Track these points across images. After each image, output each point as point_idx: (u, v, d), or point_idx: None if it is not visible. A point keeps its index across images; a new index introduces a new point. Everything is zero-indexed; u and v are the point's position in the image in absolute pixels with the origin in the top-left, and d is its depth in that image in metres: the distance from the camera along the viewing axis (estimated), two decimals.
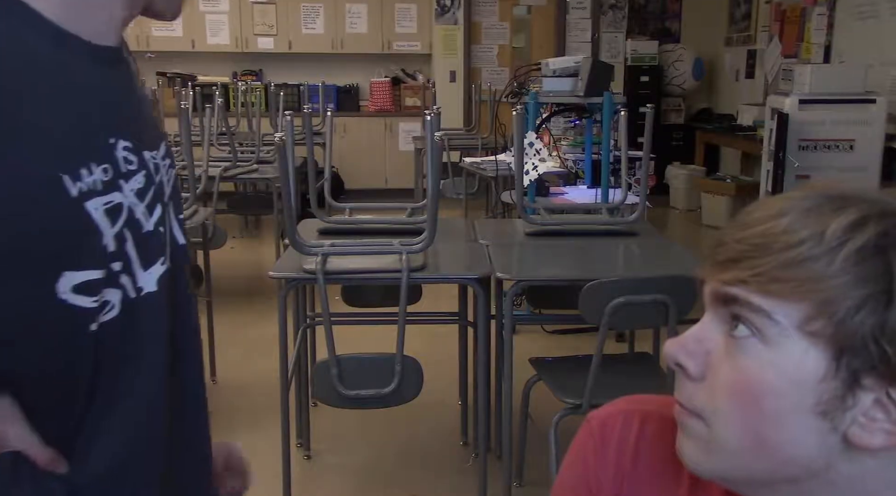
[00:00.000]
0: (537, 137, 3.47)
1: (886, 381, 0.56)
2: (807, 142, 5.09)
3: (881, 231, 0.57)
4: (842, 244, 0.57)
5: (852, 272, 0.56)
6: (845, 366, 0.56)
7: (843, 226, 0.58)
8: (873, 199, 0.61)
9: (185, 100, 4.38)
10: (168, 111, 6.13)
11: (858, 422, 0.57)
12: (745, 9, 7.61)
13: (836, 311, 0.56)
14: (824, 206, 0.59)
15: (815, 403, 0.57)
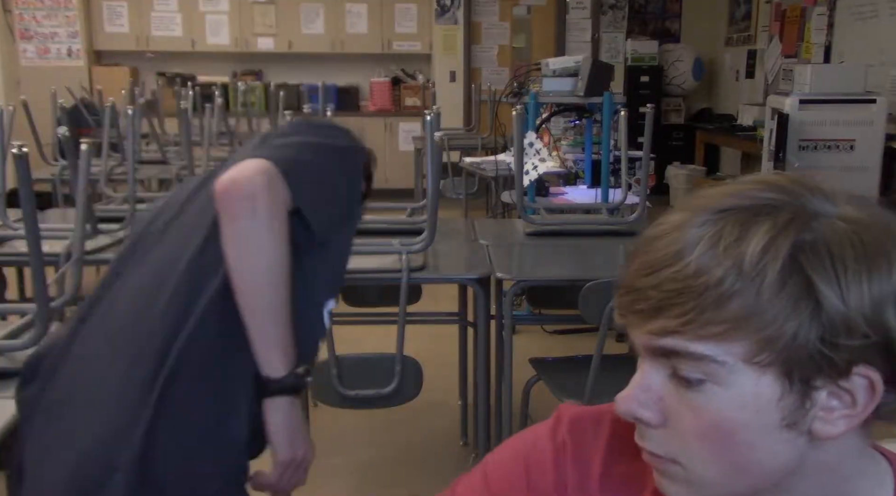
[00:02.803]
0: (537, 137, 3.47)
1: (834, 376, 0.58)
2: (807, 142, 5.09)
3: (793, 244, 0.57)
4: (762, 272, 0.57)
5: (781, 297, 0.56)
6: (797, 379, 0.58)
7: (757, 252, 0.57)
8: (764, 202, 0.59)
9: (185, 100, 4.38)
10: (168, 111, 6.12)
11: (819, 417, 0.59)
12: (745, 9, 7.61)
13: (777, 340, 0.57)
14: (725, 230, 0.58)
15: (780, 420, 0.59)
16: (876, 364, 0.58)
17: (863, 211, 0.60)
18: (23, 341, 1.71)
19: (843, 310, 0.56)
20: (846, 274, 0.56)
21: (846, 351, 0.57)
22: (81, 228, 2.05)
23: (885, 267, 0.57)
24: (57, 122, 4.54)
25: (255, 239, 1.09)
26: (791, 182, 0.61)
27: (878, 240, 0.58)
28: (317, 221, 1.17)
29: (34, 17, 7.70)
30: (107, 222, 2.73)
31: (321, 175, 1.20)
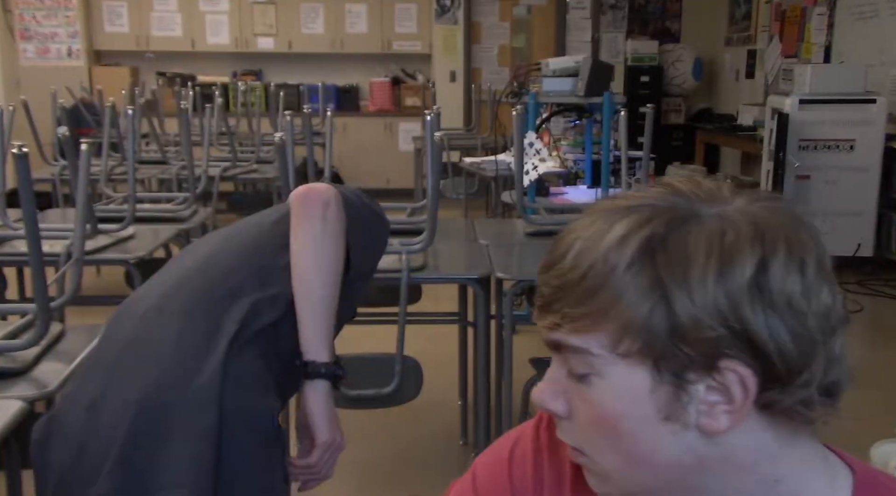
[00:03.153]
0: (537, 137, 3.47)
1: (703, 371, 0.60)
2: (807, 142, 5.09)
3: (646, 238, 0.60)
4: (616, 265, 0.60)
5: (632, 289, 0.59)
6: (666, 371, 0.60)
7: (611, 245, 0.60)
8: (645, 204, 0.62)
9: (185, 100, 4.38)
10: (168, 111, 6.12)
11: (701, 411, 0.61)
12: (745, 9, 7.61)
13: (633, 328, 0.60)
14: (600, 228, 0.62)
15: (657, 412, 0.61)
16: (743, 359, 0.59)
17: (752, 209, 0.61)
18: (23, 341, 1.71)
19: (689, 306, 0.58)
20: (692, 270, 0.58)
21: (700, 345, 0.58)
22: (81, 228, 2.05)
23: (746, 263, 0.58)
24: (57, 122, 4.54)
25: (323, 237, 1.23)
26: (693, 187, 0.63)
27: (745, 237, 0.59)
28: (358, 254, 1.30)
29: (34, 17, 7.70)
30: (107, 222, 2.73)
31: (369, 220, 1.35)
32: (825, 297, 0.60)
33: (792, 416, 0.62)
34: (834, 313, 0.61)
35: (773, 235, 0.59)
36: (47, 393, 1.63)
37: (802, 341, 0.59)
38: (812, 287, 0.59)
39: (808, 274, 0.59)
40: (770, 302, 0.58)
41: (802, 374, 0.60)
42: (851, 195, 5.06)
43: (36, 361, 1.72)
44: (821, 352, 0.60)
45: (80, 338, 1.89)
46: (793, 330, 0.59)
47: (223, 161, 4.80)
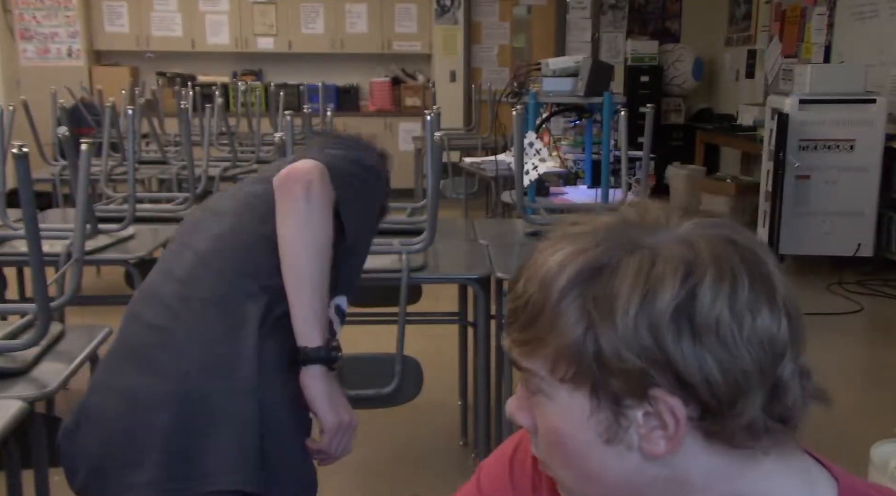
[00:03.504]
0: (537, 137, 3.47)
1: (639, 398, 0.60)
2: (807, 142, 5.09)
3: (578, 268, 0.61)
4: (550, 292, 0.61)
5: (565, 315, 0.60)
6: (603, 397, 0.61)
7: (549, 273, 0.62)
8: (590, 232, 0.63)
9: (185, 100, 4.38)
10: (168, 111, 6.12)
11: (641, 435, 0.61)
12: (745, 9, 7.61)
13: (566, 355, 0.61)
14: (546, 255, 0.64)
15: (598, 435, 0.62)
16: (670, 389, 0.59)
17: (689, 236, 0.61)
18: (23, 341, 1.71)
19: (613, 337, 0.59)
20: (617, 301, 0.59)
21: (627, 375, 0.59)
22: (81, 228, 2.05)
23: (668, 292, 0.58)
24: (57, 122, 4.54)
25: (308, 218, 1.21)
26: (640, 214, 0.64)
27: (671, 266, 0.59)
28: (351, 225, 1.30)
29: (34, 17, 7.70)
30: (107, 222, 2.73)
31: (360, 186, 1.35)
32: (764, 322, 0.59)
33: (737, 444, 0.61)
34: (779, 338, 0.60)
35: (702, 260, 0.59)
36: (47, 393, 1.63)
37: (732, 372, 0.58)
38: (744, 312, 0.58)
39: (740, 298, 0.58)
40: (694, 331, 0.58)
41: (736, 405, 0.59)
42: (851, 195, 5.05)
43: (36, 361, 1.72)
44: (756, 382, 0.59)
45: (80, 338, 1.89)
46: (720, 360, 0.58)
47: (223, 161, 4.80)
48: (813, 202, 5.12)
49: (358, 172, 1.36)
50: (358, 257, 1.44)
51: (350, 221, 1.29)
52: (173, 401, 1.18)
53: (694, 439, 0.61)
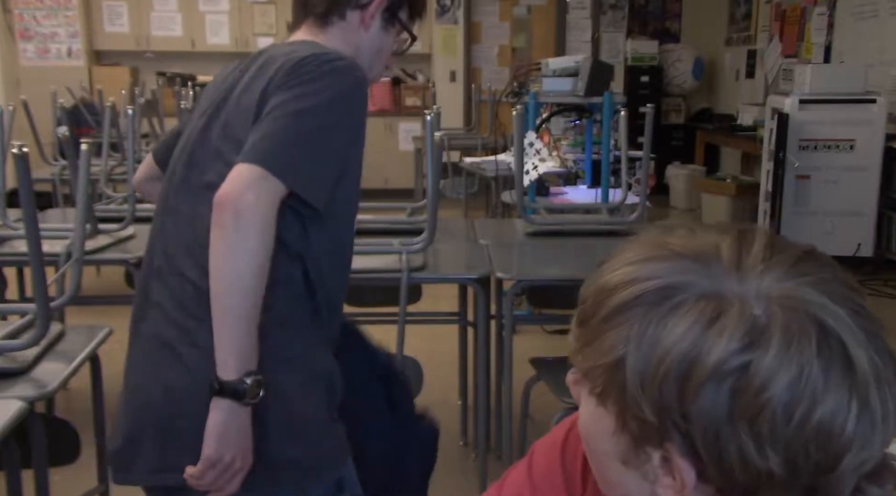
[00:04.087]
0: (537, 137, 3.47)
1: (657, 443, 0.56)
2: (807, 142, 5.09)
3: (641, 291, 0.56)
4: (602, 305, 0.58)
5: (612, 332, 0.57)
6: (627, 426, 0.58)
7: (610, 284, 0.59)
8: (673, 254, 0.58)
9: (185, 100, 4.38)
10: (168, 111, 6.12)
11: (656, 475, 0.58)
12: (745, 9, 7.61)
13: (599, 371, 0.58)
14: (619, 262, 0.60)
15: (618, 455, 0.60)
16: (682, 451, 0.55)
17: (773, 291, 0.54)
18: (23, 341, 1.71)
19: (640, 379, 0.55)
20: (657, 344, 0.54)
21: (641, 421, 0.56)
22: (81, 228, 2.05)
23: (713, 357, 0.52)
24: (57, 122, 4.55)
25: (235, 247, 1.18)
26: (731, 255, 0.57)
27: (731, 326, 0.53)
28: (315, 196, 1.26)
29: (34, 17, 7.70)
30: (107, 222, 2.73)
31: (311, 146, 1.26)
32: (830, 414, 0.51)
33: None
34: (837, 438, 0.51)
35: (772, 326, 0.52)
36: (47, 393, 1.63)
37: (755, 465, 0.52)
38: (810, 397, 0.51)
39: (811, 379, 0.51)
40: (731, 410, 0.52)
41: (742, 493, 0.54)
42: (851, 195, 5.06)
43: (36, 361, 1.72)
44: (785, 481, 0.52)
45: (80, 338, 1.89)
46: (745, 449, 0.52)
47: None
48: (813, 202, 5.12)
49: (306, 131, 1.26)
50: (348, 184, 1.37)
51: (313, 194, 1.25)
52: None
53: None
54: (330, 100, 1.28)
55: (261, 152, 1.22)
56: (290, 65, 1.31)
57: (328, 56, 1.32)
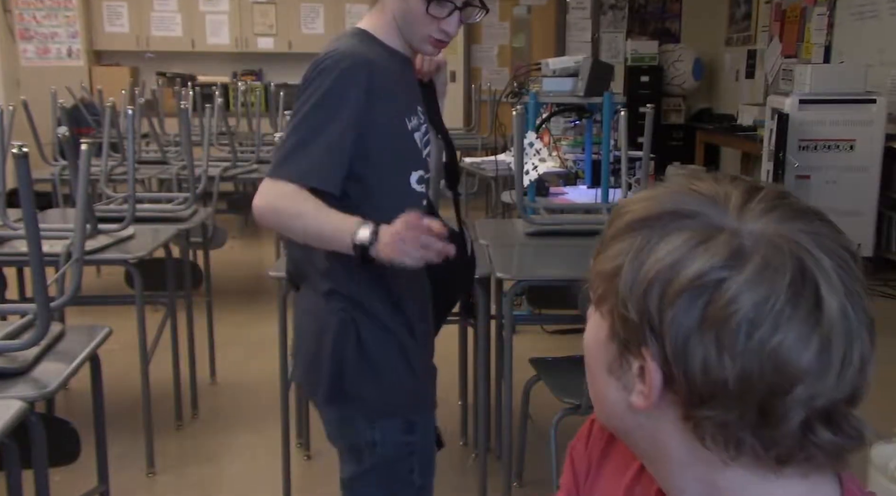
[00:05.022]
0: (537, 137, 3.47)
1: (637, 349, 0.61)
2: (807, 142, 5.09)
3: (645, 214, 0.62)
4: (615, 223, 0.64)
5: (616, 245, 0.62)
6: (618, 335, 0.62)
7: (624, 207, 0.65)
8: (686, 191, 0.63)
9: (185, 100, 4.38)
10: (168, 111, 6.12)
11: (633, 381, 0.63)
12: (745, 9, 7.61)
13: (601, 278, 0.63)
14: (641, 193, 0.66)
15: (605, 361, 0.65)
16: (655, 355, 0.59)
17: (765, 231, 0.59)
18: (23, 341, 1.71)
19: (630, 284, 0.60)
20: (650, 255, 0.59)
21: (627, 323, 0.60)
22: (81, 228, 2.05)
23: (694, 269, 0.57)
24: (57, 122, 4.55)
25: (282, 230, 1.56)
26: (741, 200, 0.61)
27: (718, 249, 0.57)
28: (330, 183, 1.47)
29: (34, 17, 7.70)
30: (107, 222, 2.73)
31: (317, 144, 1.46)
32: (787, 342, 0.55)
33: (706, 445, 0.60)
34: (796, 366, 0.55)
35: (752, 255, 0.56)
36: (47, 393, 1.63)
37: (714, 375, 0.56)
38: (765, 322, 0.55)
39: (770, 306, 0.55)
40: (701, 318, 0.56)
41: (709, 405, 0.58)
42: (851, 195, 5.06)
43: (36, 361, 1.72)
44: (738, 397, 0.56)
45: (80, 338, 1.89)
46: (708, 358, 0.56)
47: (223, 161, 4.80)
48: (813, 202, 4.86)
49: (308, 130, 1.47)
50: (380, 152, 1.52)
51: (326, 182, 1.46)
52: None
53: (671, 413, 0.61)
54: (316, 102, 1.47)
55: (271, 167, 1.50)
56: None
57: (321, 58, 1.50)
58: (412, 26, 1.55)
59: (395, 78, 1.55)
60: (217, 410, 3.27)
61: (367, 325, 1.54)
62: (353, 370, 1.53)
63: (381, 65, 1.52)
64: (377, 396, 1.55)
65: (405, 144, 1.56)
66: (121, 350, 2.93)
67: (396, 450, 1.59)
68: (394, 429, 1.57)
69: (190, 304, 3.21)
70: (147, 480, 2.71)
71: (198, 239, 3.52)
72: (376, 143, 1.50)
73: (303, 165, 1.44)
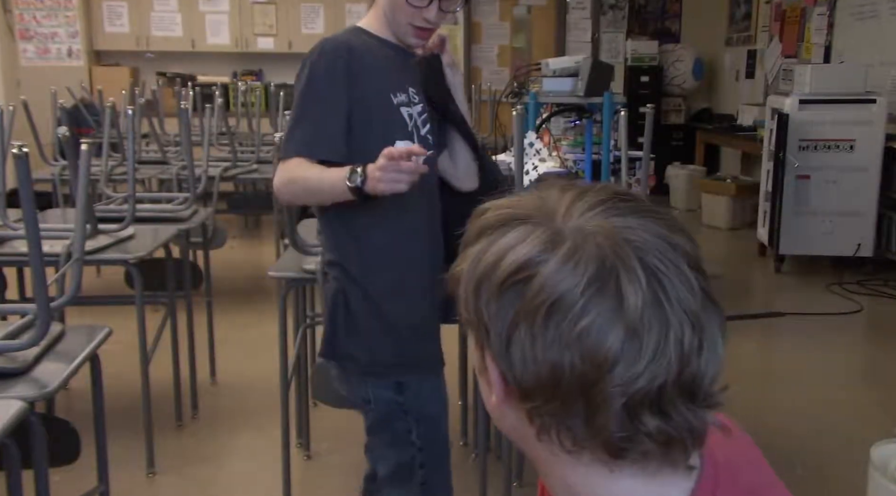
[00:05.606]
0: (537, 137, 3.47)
1: (482, 346, 0.63)
2: (807, 142, 5.09)
3: (486, 224, 0.63)
4: (465, 236, 0.65)
5: (461, 254, 0.64)
6: (476, 338, 0.64)
7: (472, 219, 0.67)
8: (522, 201, 0.65)
9: (185, 100, 4.38)
10: (168, 111, 6.12)
11: (492, 385, 0.63)
12: (745, 9, 7.61)
13: (454, 286, 0.64)
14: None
15: (476, 366, 0.66)
16: (493, 357, 0.61)
17: (583, 223, 0.61)
18: (23, 341, 1.71)
19: (464, 285, 0.62)
20: (480, 258, 0.61)
21: (469, 324, 0.62)
22: (81, 228, 2.06)
23: (508, 262, 0.59)
24: (57, 122, 4.55)
25: (296, 199, 1.77)
26: (560, 202, 0.63)
27: (534, 240, 0.59)
28: (328, 151, 1.63)
29: (34, 17, 7.70)
30: (107, 222, 2.73)
31: (303, 126, 1.64)
32: (593, 327, 0.56)
33: (540, 438, 0.61)
34: (604, 351, 0.56)
35: (563, 241, 0.58)
36: (47, 393, 1.63)
37: (532, 365, 0.58)
38: (576, 310, 0.56)
39: (578, 294, 0.56)
40: (518, 311, 0.58)
41: (531, 398, 0.59)
42: (851, 195, 5.06)
43: (36, 361, 1.72)
44: (554, 387, 0.58)
45: (80, 338, 1.89)
46: (524, 348, 0.58)
47: (223, 161, 4.80)
48: (813, 202, 5.13)
49: (305, 113, 1.64)
50: (364, 119, 1.66)
51: (329, 152, 1.62)
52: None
53: (520, 410, 0.62)
54: (304, 87, 1.65)
55: (286, 137, 1.68)
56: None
57: (308, 53, 1.67)
58: (396, 16, 1.69)
59: (379, 60, 1.69)
60: (217, 410, 3.27)
61: (353, 292, 1.70)
62: (342, 331, 1.71)
63: (362, 48, 1.67)
64: (364, 357, 1.72)
65: (390, 116, 1.68)
66: (121, 350, 2.93)
67: (388, 408, 1.75)
68: (383, 387, 1.73)
69: (190, 304, 3.21)
70: (147, 480, 2.71)
71: (198, 239, 3.52)
72: (360, 114, 1.65)
73: (299, 141, 1.64)
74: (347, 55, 1.63)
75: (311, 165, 1.62)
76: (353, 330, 1.71)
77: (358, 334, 1.71)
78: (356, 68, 1.64)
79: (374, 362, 1.72)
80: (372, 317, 1.70)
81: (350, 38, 1.68)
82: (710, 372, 0.59)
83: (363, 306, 1.70)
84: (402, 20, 1.68)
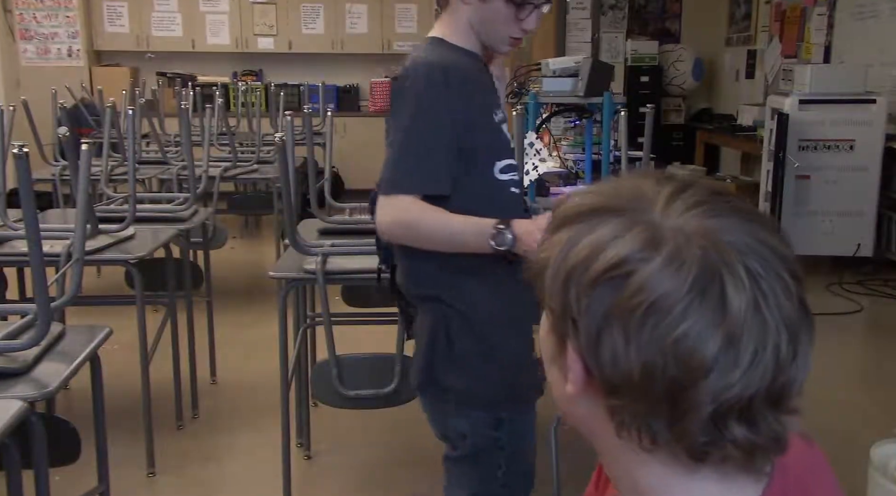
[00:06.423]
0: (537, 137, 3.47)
1: (565, 336, 0.62)
2: (807, 142, 5.09)
3: (580, 209, 0.62)
4: (553, 221, 0.65)
5: (550, 239, 0.63)
6: (557, 326, 0.63)
7: (562, 199, 0.66)
8: (617, 187, 0.64)
9: (185, 100, 4.38)
10: (168, 111, 6.12)
11: (567, 372, 0.63)
12: (745, 9, 7.61)
13: (537, 270, 0.64)
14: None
15: (551, 353, 0.66)
16: (575, 346, 0.60)
17: (683, 217, 0.59)
18: (22, 341, 1.71)
19: (554, 276, 0.61)
20: (573, 247, 0.60)
21: (554, 314, 0.62)
22: (82, 228, 2.06)
23: (607, 258, 0.58)
24: (57, 122, 4.55)
25: (411, 243, 1.62)
26: (665, 197, 0.62)
27: (633, 239, 0.58)
28: (441, 187, 1.56)
29: (34, 17, 7.70)
30: (107, 222, 2.73)
31: (418, 154, 1.56)
32: (692, 332, 0.55)
33: (621, 435, 0.61)
34: (701, 358, 0.55)
35: (665, 243, 0.57)
36: (47, 393, 1.63)
37: (623, 363, 0.57)
38: (672, 311, 0.55)
39: (676, 295, 0.55)
40: (610, 306, 0.57)
41: (617, 394, 0.59)
42: (851, 195, 5.06)
43: (36, 361, 1.72)
44: (643, 387, 0.57)
45: (80, 338, 1.89)
46: (615, 346, 0.57)
47: (223, 161, 4.80)
48: (813, 202, 5.13)
49: (412, 143, 1.56)
50: (470, 151, 1.60)
51: (435, 187, 1.56)
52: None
53: (598, 403, 0.62)
54: (412, 112, 1.56)
55: (382, 182, 1.59)
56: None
57: (402, 72, 1.59)
58: (494, 28, 1.61)
59: (473, 76, 1.62)
60: (217, 410, 3.27)
61: (458, 325, 1.63)
62: (441, 362, 1.64)
63: (458, 66, 1.59)
64: (463, 388, 1.64)
65: (493, 137, 1.65)
66: (121, 350, 2.93)
67: (484, 444, 1.67)
68: (481, 422, 1.66)
69: (190, 304, 3.21)
70: (147, 480, 2.71)
71: (198, 239, 3.52)
72: (466, 138, 1.58)
73: (414, 177, 1.56)
74: (447, 76, 1.55)
75: (433, 210, 1.55)
76: (455, 362, 1.65)
77: (461, 367, 1.64)
78: (458, 88, 1.56)
79: (474, 394, 1.66)
80: (477, 350, 1.64)
81: (444, 56, 1.59)
82: (799, 380, 0.58)
83: (469, 339, 1.64)
84: (501, 31, 1.61)
